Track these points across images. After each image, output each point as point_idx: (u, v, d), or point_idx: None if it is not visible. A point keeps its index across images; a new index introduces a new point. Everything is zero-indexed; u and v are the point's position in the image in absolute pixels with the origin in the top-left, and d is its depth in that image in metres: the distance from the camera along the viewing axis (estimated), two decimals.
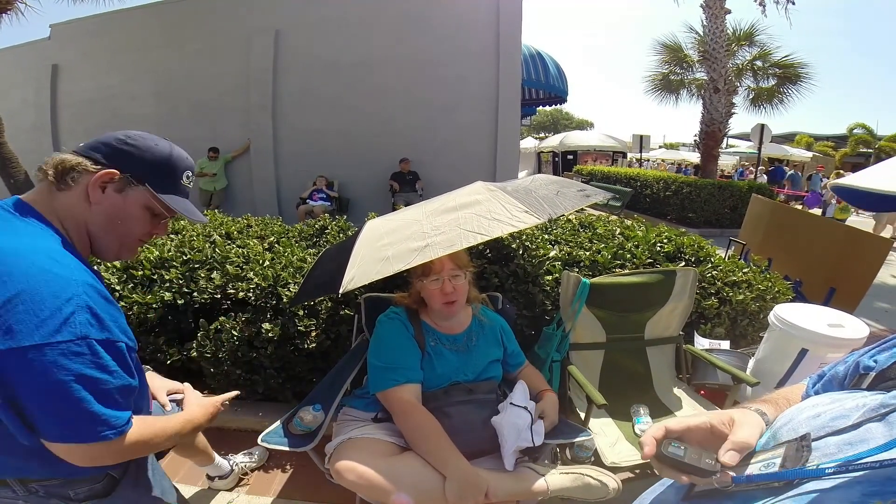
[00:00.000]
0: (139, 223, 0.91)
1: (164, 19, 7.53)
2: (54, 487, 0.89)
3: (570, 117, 40.33)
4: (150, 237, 0.97)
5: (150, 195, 0.88)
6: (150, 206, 0.91)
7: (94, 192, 0.85)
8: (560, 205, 1.58)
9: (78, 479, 0.91)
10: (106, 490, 0.95)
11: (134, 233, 0.92)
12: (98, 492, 0.94)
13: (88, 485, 0.92)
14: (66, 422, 0.76)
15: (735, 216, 7.97)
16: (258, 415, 2.17)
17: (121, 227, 0.90)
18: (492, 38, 6.88)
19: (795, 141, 26.29)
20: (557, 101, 10.98)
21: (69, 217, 0.86)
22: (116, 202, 0.87)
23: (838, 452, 0.49)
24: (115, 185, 0.86)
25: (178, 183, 0.93)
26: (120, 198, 0.87)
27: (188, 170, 0.96)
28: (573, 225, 2.76)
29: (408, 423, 1.34)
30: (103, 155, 0.86)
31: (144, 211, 0.91)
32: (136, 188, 0.87)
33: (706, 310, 2.27)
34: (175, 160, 0.92)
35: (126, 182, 0.86)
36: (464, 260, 1.50)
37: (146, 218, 0.92)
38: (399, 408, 1.36)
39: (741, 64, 11.46)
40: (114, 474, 0.97)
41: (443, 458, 1.24)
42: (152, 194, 0.88)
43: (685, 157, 21.54)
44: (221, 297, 2.12)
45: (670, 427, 0.64)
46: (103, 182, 0.85)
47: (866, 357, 0.64)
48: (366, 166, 7.26)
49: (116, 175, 0.85)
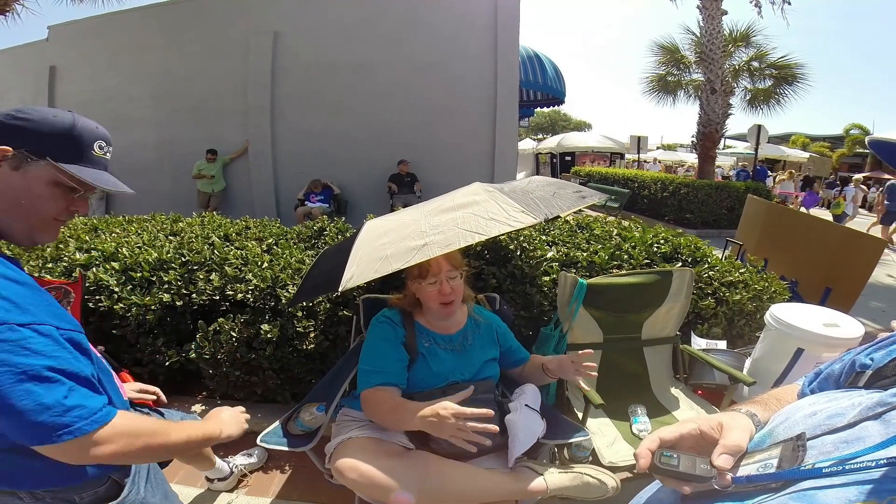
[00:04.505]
0: (49, 201, 0.83)
1: (163, 21, 7.53)
2: (60, 493, 0.87)
3: (568, 119, 40.36)
4: (70, 215, 0.88)
5: (54, 169, 0.80)
6: (58, 180, 0.82)
7: None
8: (557, 205, 1.59)
9: (76, 486, 0.88)
10: (110, 494, 0.94)
11: (45, 212, 0.83)
12: (102, 496, 0.93)
13: (92, 489, 0.91)
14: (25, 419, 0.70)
15: (732, 217, 7.99)
16: (257, 416, 2.17)
17: (27, 207, 0.81)
18: (490, 39, 6.90)
19: (791, 141, 26.40)
20: (555, 103, 10.99)
21: None
22: (15, 181, 0.79)
23: (835, 451, 0.50)
24: (11, 163, 0.78)
25: (86, 152, 0.83)
26: (18, 175, 0.79)
27: (100, 139, 0.86)
28: (571, 226, 2.77)
29: (375, 411, 1.35)
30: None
31: (52, 187, 0.82)
32: (36, 163, 0.80)
33: (703, 310, 2.28)
34: (80, 129, 0.83)
35: (22, 158, 0.79)
36: (459, 260, 1.52)
37: (57, 195, 0.83)
38: (366, 405, 1.37)
39: (738, 65, 11.49)
40: (116, 478, 0.96)
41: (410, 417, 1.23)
42: (56, 167, 0.80)
43: (683, 158, 21.60)
44: (220, 298, 2.13)
45: (663, 437, 0.65)
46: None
47: (862, 355, 0.65)
48: (364, 168, 7.26)
49: (9, 152, 0.78)
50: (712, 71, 9.77)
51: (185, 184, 7.27)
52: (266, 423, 1.54)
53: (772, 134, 14.30)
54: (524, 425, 1.36)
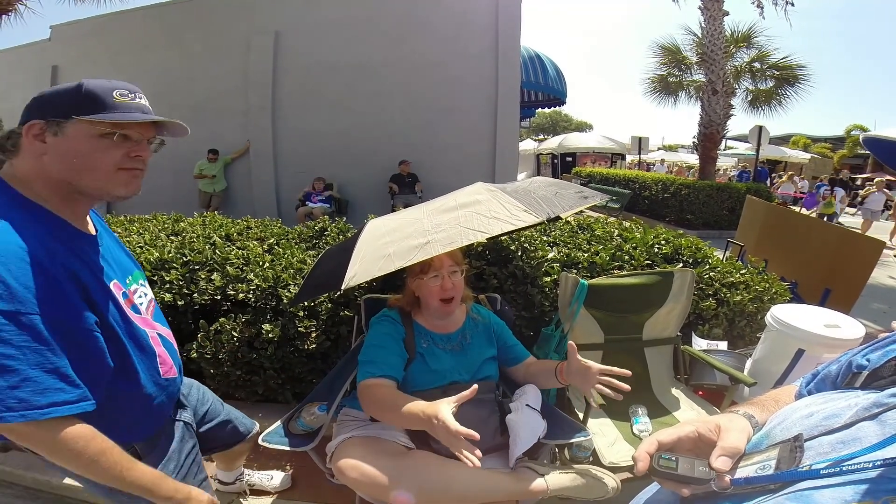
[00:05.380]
0: (98, 153, 0.88)
1: (164, 21, 7.54)
2: None
3: (569, 119, 40.36)
4: (136, 162, 0.94)
5: (83, 123, 0.86)
6: (94, 132, 0.88)
7: (34, 144, 0.86)
8: (559, 205, 1.59)
9: None
10: None
11: (102, 164, 0.89)
12: None
13: None
14: None
15: (733, 218, 7.98)
16: (258, 416, 2.16)
17: (82, 165, 0.88)
18: (491, 40, 6.90)
19: (792, 142, 26.37)
20: (556, 103, 10.99)
21: (33, 177, 0.88)
22: (61, 144, 0.86)
23: (831, 451, 0.50)
24: (50, 131, 0.86)
25: (105, 101, 0.88)
26: (62, 140, 0.86)
27: (117, 88, 0.90)
28: (572, 227, 2.77)
29: (370, 402, 1.32)
30: (25, 118, 0.88)
31: (94, 140, 0.88)
32: (68, 124, 0.86)
33: (704, 311, 2.28)
34: (88, 85, 0.88)
35: (53, 125, 0.86)
36: (460, 257, 1.52)
37: (103, 146, 0.89)
38: (362, 395, 1.35)
39: (739, 66, 11.50)
40: (138, 448, 1.03)
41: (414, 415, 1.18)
42: (83, 121, 0.86)
43: (684, 159, 21.59)
44: (221, 298, 2.13)
45: (661, 440, 0.65)
46: (34, 134, 0.86)
47: (859, 356, 0.65)
48: (365, 168, 7.27)
49: (40, 123, 0.86)
50: (714, 72, 9.77)
51: (186, 184, 7.27)
52: (267, 423, 1.54)
53: (773, 135, 14.28)
54: (525, 425, 1.36)
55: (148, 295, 1.14)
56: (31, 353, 0.78)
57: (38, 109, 0.87)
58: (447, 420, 1.05)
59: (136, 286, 1.10)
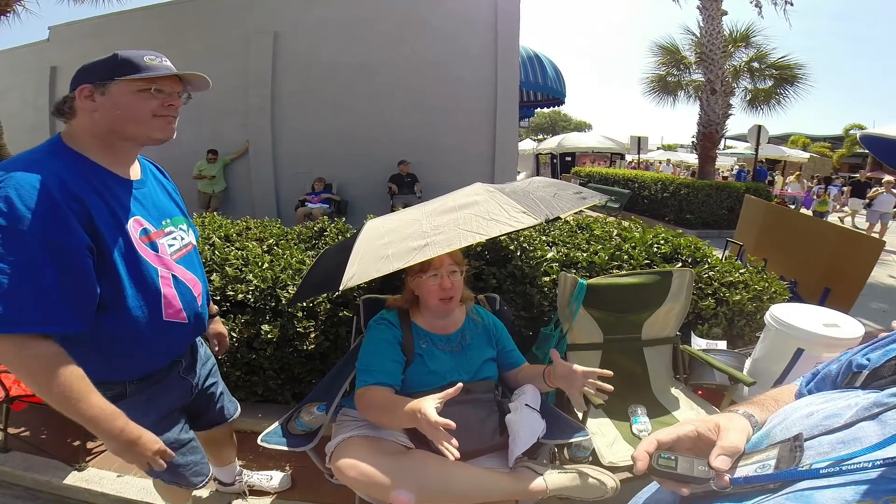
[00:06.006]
0: (137, 104, 1.03)
1: (163, 21, 7.53)
2: None
3: (568, 119, 40.36)
4: (168, 110, 1.09)
5: (126, 82, 1.01)
6: (133, 88, 1.02)
7: (85, 103, 1.02)
8: (557, 206, 1.60)
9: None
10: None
11: (141, 113, 1.04)
12: None
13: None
14: None
15: (732, 217, 7.98)
16: (257, 416, 2.18)
17: (125, 116, 1.03)
18: (490, 39, 6.90)
19: (791, 142, 26.40)
20: (556, 103, 10.99)
21: (87, 133, 1.04)
22: (106, 102, 1.02)
23: (831, 451, 0.50)
24: (97, 93, 1.01)
25: (139, 64, 1.03)
26: (107, 98, 1.02)
27: (146, 54, 1.05)
28: (571, 226, 2.77)
29: (368, 409, 1.34)
30: (75, 85, 1.04)
31: (134, 94, 1.03)
32: (111, 84, 1.01)
33: (703, 310, 2.28)
34: (122, 54, 1.03)
35: (100, 86, 1.01)
36: (460, 256, 1.52)
37: (141, 98, 1.04)
38: (359, 403, 1.37)
39: (738, 65, 11.50)
40: (127, 386, 1.12)
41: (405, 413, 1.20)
42: (126, 80, 1.01)
43: (683, 159, 21.59)
44: (221, 298, 2.13)
45: (661, 439, 0.65)
46: (85, 96, 1.02)
47: (859, 355, 0.65)
48: (364, 168, 7.26)
49: (89, 86, 1.01)
50: (712, 71, 9.77)
51: (185, 184, 7.23)
52: (267, 424, 1.54)
53: (772, 134, 14.29)
54: (525, 425, 1.36)
55: (185, 240, 1.23)
56: (17, 269, 0.86)
57: (85, 76, 1.02)
58: (427, 412, 1.10)
59: (174, 229, 1.19)
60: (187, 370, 1.29)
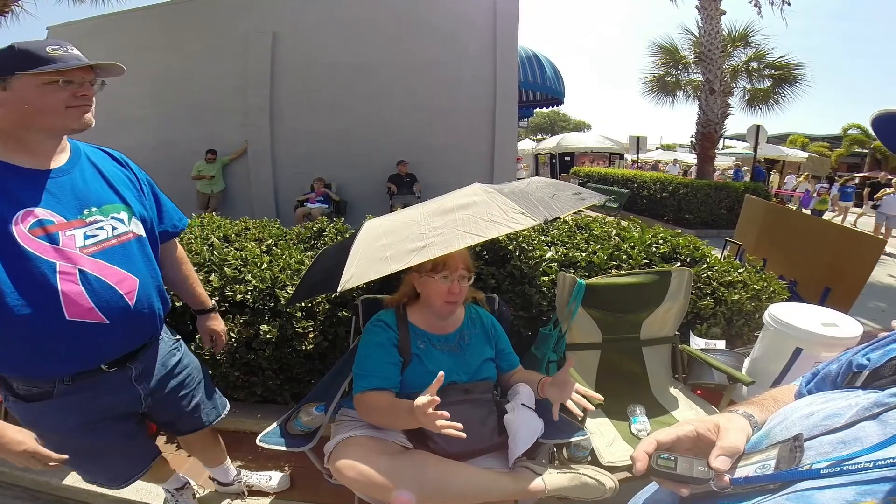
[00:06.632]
0: (45, 97, 1.01)
1: (162, 21, 7.52)
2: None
3: (567, 119, 40.38)
4: (81, 100, 1.05)
5: (28, 76, 0.99)
6: (37, 81, 1.00)
7: None
8: (556, 207, 1.60)
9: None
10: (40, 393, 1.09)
11: (51, 106, 1.02)
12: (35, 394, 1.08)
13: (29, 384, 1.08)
14: None
15: (731, 217, 8.00)
16: (256, 416, 2.18)
17: (34, 111, 1.01)
18: (489, 39, 6.90)
19: (790, 141, 26.42)
20: (554, 103, 11.00)
21: None
22: (11, 97, 1.00)
23: (832, 451, 0.50)
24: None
25: (40, 56, 0.99)
26: (11, 93, 0.99)
27: (49, 45, 1.02)
28: (569, 226, 2.77)
29: (367, 413, 1.36)
30: None
31: (39, 88, 1.00)
32: (12, 79, 0.99)
33: (702, 310, 2.28)
34: (21, 45, 1.00)
35: (2, 81, 0.99)
36: (471, 263, 1.52)
37: (48, 91, 1.01)
38: (358, 408, 1.38)
39: (737, 65, 11.51)
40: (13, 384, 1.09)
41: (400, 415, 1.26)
42: (28, 74, 0.99)
43: (682, 159, 21.60)
44: (219, 299, 2.12)
45: (660, 439, 0.65)
46: None
47: (859, 355, 0.64)
48: (363, 168, 7.26)
49: None
50: (711, 71, 9.79)
51: (184, 184, 7.25)
52: (265, 424, 1.54)
53: (770, 134, 14.29)
54: (524, 425, 1.36)
55: (118, 230, 1.12)
56: None
57: None
58: (419, 401, 1.13)
59: (100, 218, 1.10)
60: (140, 378, 1.21)
